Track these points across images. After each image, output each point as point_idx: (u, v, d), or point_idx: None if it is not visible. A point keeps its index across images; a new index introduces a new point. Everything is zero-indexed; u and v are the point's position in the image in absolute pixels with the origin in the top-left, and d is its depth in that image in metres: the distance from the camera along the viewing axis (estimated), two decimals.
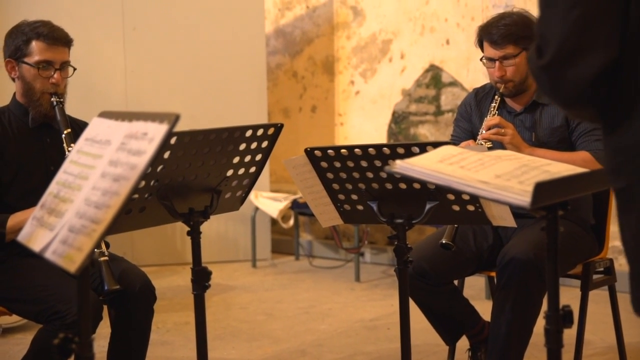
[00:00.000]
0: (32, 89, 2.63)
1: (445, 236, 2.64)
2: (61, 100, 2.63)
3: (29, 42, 2.61)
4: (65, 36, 2.66)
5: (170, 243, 5.24)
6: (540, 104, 2.84)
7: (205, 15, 5.17)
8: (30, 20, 2.67)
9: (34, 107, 2.65)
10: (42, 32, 2.61)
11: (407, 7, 5.13)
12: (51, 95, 2.62)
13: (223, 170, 2.15)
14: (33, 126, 2.68)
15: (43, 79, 2.61)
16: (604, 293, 2.89)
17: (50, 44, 2.61)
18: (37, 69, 2.60)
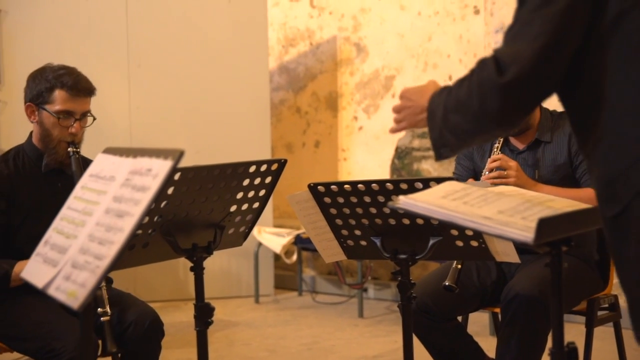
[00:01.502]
0: (49, 136, 2.61)
1: (448, 278, 2.63)
2: (77, 150, 2.61)
3: (52, 90, 2.58)
4: (89, 87, 2.64)
5: (174, 279, 5.23)
6: (542, 142, 2.85)
7: (209, 52, 5.22)
8: (55, 65, 2.64)
9: (50, 154, 2.64)
10: (66, 82, 2.58)
11: (409, 44, 5.18)
12: (68, 144, 2.61)
13: (226, 206, 2.15)
14: (46, 171, 2.66)
15: (62, 128, 2.59)
16: (609, 330, 2.87)
17: (73, 95, 2.59)
18: (57, 118, 2.58)
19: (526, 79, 1.47)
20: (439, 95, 1.63)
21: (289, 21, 5.73)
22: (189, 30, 5.19)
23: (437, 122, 1.62)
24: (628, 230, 1.41)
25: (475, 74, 1.53)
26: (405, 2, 5.17)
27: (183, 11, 5.19)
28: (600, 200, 1.49)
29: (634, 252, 1.40)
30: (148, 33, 5.13)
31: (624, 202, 1.41)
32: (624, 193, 1.42)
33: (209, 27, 5.22)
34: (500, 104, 1.48)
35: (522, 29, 1.49)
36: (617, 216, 1.43)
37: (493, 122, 1.53)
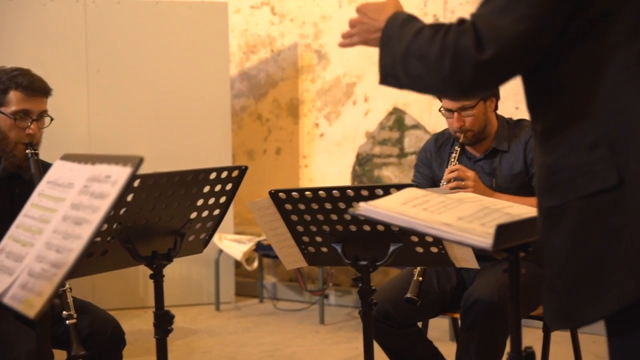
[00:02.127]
0: (6, 139, 2.56)
1: (410, 291, 2.64)
2: (36, 152, 2.57)
3: (7, 91, 2.54)
4: (45, 87, 2.60)
5: (133, 286, 5.17)
6: (499, 151, 2.89)
7: (170, 58, 5.18)
8: (7, 67, 2.60)
9: (7, 158, 2.58)
10: (21, 83, 2.54)
11: (370, 51, 5.18)
12: (26, 146, 2.56)
13: (187, 213, 2.14)
14: (3, 176, 2.60)
15: (19, 129, 2.54)
16: (566, 334, 2.91)
17: (28, 95, 2.55)
18: (13, 120, 2.53)
19: (503, 60, 1.45)
20: (400, 25, 1.59)
21: (250, 28, 5.72)
22: (149, 36, 5.15)
23: (392, 52, 1.60)
24: (560, 224, 1.46)
25: (451, 35, 1.48)
26: None
27: (143, 16, 5.15)
28: (540, 185, 1.51)
29: (562, 244, 1.45)
30: (107, 38, 5.08)
31: (564, 200, 1.45)
32: (567, 192, 1.45)
33: (169, 33, 5.19)
34: (471, 78, 1.47)
35: (507, 5, 1.45)
36: (554, 207, 1.47)
37: (457, 90, 1.52)
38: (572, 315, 1.46)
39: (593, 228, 1.43)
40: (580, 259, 1.44)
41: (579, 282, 1.44)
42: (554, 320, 1.51)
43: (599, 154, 1.43)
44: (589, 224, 1.43)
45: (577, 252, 1.44)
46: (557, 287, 1.47)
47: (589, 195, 1.43)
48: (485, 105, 2.86)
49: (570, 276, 1.45)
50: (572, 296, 1.45)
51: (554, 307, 1.49)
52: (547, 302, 1.51)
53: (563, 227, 1.45)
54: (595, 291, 1.42)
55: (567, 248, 1.45)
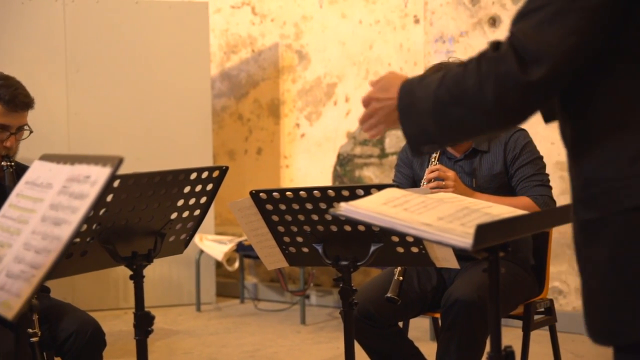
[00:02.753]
0: None
1: (391, 290, 2.65)
2: (12, 164, 2.54)
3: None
4: (27, 101, 2.57)
5: (113, 287, 5.14)
6: (479, 151, 2.90)
7: (150, 58, 5.16)
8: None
9: None
10: (3, 96, 2.51)
11: (351, 52, 5.22)
12: (2, 158, 2.54)
13: (167, 214, 2.13)
14: None
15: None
16: (545, 333, 2.93)
17: (10, 110, 2.52)
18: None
19: (554, 77, 1.34)
20: (416, 88, 1.50)
21: (230, 28, 5.71)
22: (129, 36, 5.12)
23: (418, 118, 1.48)
24: (599, 238, 1.39)
25: (486, 63, 1.37)
26: (346, 11, 5.21)
27: (123, 16, 5.12)
28: (576, 198, 1.43)
29: (603, 258, 1.38)
30: (87, 38, 5.05)
31: (602, 213, 1.38)
32: (606, 205, 1.38)
33: (149, 33, 5.17)
34: (520, 103, 1.36)
35: (554, 18, 1.32)
36: (591, 220, 1.40)
37: (506, 120, 1.41)
38: (616, 333, 1.41)
39: (635, 243, 1.35)
40: (623, 277, 1.37)
41: (624, 301, 1.37)
42: (598, 337, 1.45)
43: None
44: (631, 240, 1.35)
45: (620, 270, 1.37)
46: (601, 303, 1.41)
47: (630, 209, 1.35)
48: None
49: (615, 293, 1.38)
50: (617, 314, 1.39)
51: (600, 322, 1.43)
52: (591, 318, 1.45)
53: (603, 241, 1.38)
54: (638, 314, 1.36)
55: (609, 264, 1.38)
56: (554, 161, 4.31)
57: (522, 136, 2.89)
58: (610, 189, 1.37)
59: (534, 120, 1.56)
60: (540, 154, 2.91)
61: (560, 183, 4.35)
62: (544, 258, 2.94)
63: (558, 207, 1.52)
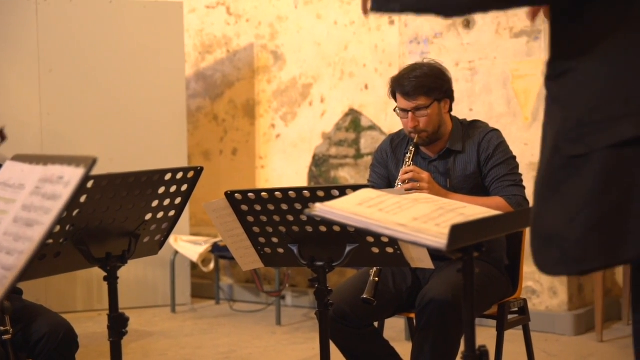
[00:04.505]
0: None
1: (366, 292, 2.65)
2: None
3: None
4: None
5: (86, 289, 5.10)
6: (454, 152, 2.92)
7: (124, 58, 5.13)
8: None
9: None
10: None
11: (326, 53, 5.22)
12: None
13: (142, 214, 2.12)
14: None
15: None
16: (519, 332, 2.96)
17: None
18: None
19: None
20: None
21: (205, 28, 5.69)
22: (103, 35, 5.08)
23: None
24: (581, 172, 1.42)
25: None
26: (321, 12, 5.21)
27: (97, 15, 5.08)
28: (562, 137, 1.46)
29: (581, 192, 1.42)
30: (60, 37, 5.00)
31: (590, 149, 1.41)
32: (595, 141, 1.41)
33: (123, 33, 5.13)
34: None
35: None
36: (577, 156, 1.43)
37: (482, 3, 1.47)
38: (582, 259, 1.43)
39: (619, 176, 1.40)
40: (600, 207, 1.41)
41: (595, 228, 1.41)
42: (554, 267, 1.47)
43: (633, 108, 1.39)
44: (615, 173, 1.40)
45: (597, 201, 1.41)
46: (564, 234, 1.43)
47: (618, 144, 1.39)
48: (440, 106, 2.89)
49: (585, 221, 1.41)
50: (584, 240, 1.42)
51: (557, 255, 1.45)
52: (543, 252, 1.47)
53: (584, 176, 1.42)
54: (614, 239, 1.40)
55: (586, 195, 1.41)
56: (527, 162, 4.35)
57: (495, 136, 2.91)
58: (599, 129, 1.41)
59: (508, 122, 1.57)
60: (514, 154, 2.94)
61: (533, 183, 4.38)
62: (518, 258, 2.97)
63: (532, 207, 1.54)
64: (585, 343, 4.13)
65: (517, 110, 4.43)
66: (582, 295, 4.50)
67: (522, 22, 4.44)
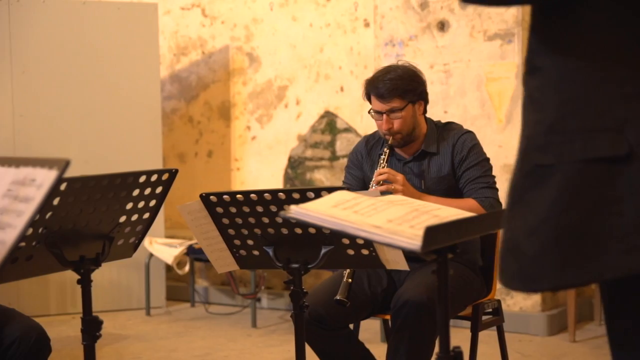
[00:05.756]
0: None
1: (340, 293, 2.65)
2: None
3: None
4: None
5: (60, 292, 5.05)
6: (428, 153, 2.94)
7: (98, 59, 5.09)
8: None
9: None
10: None
11: (302, 55, 5.23)
12: None
13: (116, 217, 2.11)
14: None
15: None
16: (493, 333, 2.98)
17: None
18: None
19: None
20: None
21: (180, 29, 5.67)
22: (76, 37, 5.04)
23: None
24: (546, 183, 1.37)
25: None
26: (297, 14, 5.21)
27: (70, 16, 5.04)
28: (532, 143, 1.42)
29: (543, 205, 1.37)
30: (33, 38, 4.95)
31: (557, 160, 1.36)
32: (563, 153, 1.36)
33: (97, 34, 5.09)
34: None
35: None
36: (544, 166, 1.38)
37: None
38: (536, 278, 1.38)
39: (584, 194, 1.34)
40: (560, 222, 1.35)
41: (553, 246, 1.35)
42: (512, 281, 1.42)
43: (609, 123, 1.33)
44: (581, 190, 1.34)
45: (558, 215, 1.35)
46: (523, 247, 1.38)
47: (588, 160, 1.34)
48: (414, 108, 2.91)
49: (544, 237, 1.36)
50: (541, 258, 1.36)
51: (514, 268, 1.40)
52: (506, 263, 1.42)
53: (549, 187, 1.36)
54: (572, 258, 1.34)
55: (548, 209, 1.36)
56: (501, 164, 4.38)
57: (469, 138, 2.93)
58: (572, 140, 1.37)
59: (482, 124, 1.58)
60: (487, 156, 2.96)
61: (507, 185, 4.41)
62: (492, 259, 2.99)
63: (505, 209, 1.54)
64: (558, 343, 4.17)
65: (491, 113, 4.47)
66: (555, 296, 4.55)
67: (496, 25, 4.48)
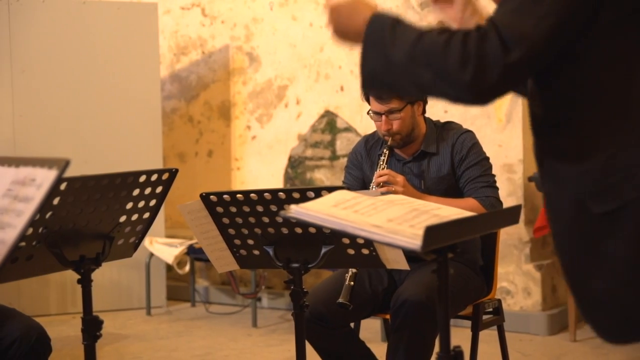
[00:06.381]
0: None
1: (342, 296, 2.65)
2: None
3: None
4: None
5: (60, 291, 5.05)
6: (428, 153, 2.93)
7: (98, 59, 5.09)
8: None
9: None
10: None
11: (302, 54, 5.22)
12: None
13: (116, 217, 2.11)
14: None
15: None
16: (493, 333, 2.98)
17: None
18: None
19: (530, 59, 1.39)
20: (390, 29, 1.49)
21: (180, 29, 5.67)
22: (76, 36, 5.04)
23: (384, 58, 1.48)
24: (619, 227, 1.37)
25: (471, 42, 1.40)
26: (297, 13, 5.21)
27: (70, 16, 5.04)
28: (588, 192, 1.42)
29: (625, 250, 1.36)
30: (33, 38, 4.95)
31: (623, 200, 1.36)
32: (627, 191, 1.37)
33: (97, 33, 5.09)
34: (497, 81, 1.40)
35: (528, 4, 1.40)
36: (611, 211, 1.38)
37: (475, 96, 1.44)
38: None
39: None
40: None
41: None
42: (618, 335, 1.42)
43: None
44: None
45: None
46: (623, 300, 1.37)
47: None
48: (413, 109, 2.90)
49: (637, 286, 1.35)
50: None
51: (618, 320, 1.40)
52: (605, 316, 1.41)
53: (624, 230, 1.36)
54: None
55: (633, 254, 1.35)
56: (501, 163, 4.38)
57: (468, 138, 2.92)
58: (627, 175, 1.37)
59: (482, 123, 1.58)
60: (487, 155, 2.96)
61: (507, 185, 4.42)
62: (492, 259, 2.99)
63: (506, 208, 1.54)
64: (559, 343, 4.17)
65: (491, 112, 4.46)
66: (556, 295, 4.55)
67: None
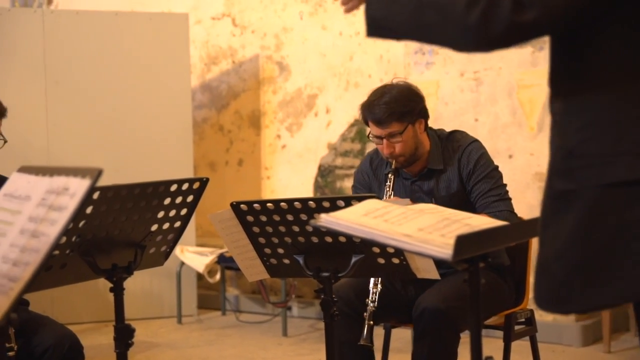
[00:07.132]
0: None
1: (363, 339, 2.58)
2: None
3: None
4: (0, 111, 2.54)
5: (94, 300, 5.10)
6: (435, 171, 2.83)
7: (130, 69, 5.14)
8: None
9: None
10: None
11: (331, 63, 5.23)
12: None
13: (147, 225, 2.12)
14: None
15: None
16: (526, 343, 2.94)
17: None
18: None
19: (543, 24, 1.38)
20: None
21: (211, 39, 5.71)
22: (109, 47, 5.10)
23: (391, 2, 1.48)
24: (570, 208, 1.42)
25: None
26: (327, 22, 5.22)
27: (103, 27, 5.10)
28: (555, 166, 1.46)
29: (568, 229, 1.42)
30: (66, 49, 5.02)
31: (579, 185, 1.41)
32: (584, 178, 1.41)
33: (129, 44, 5.15)
34: (500, 36, 1.38)
35: None
36: (568, 191, 1.43)
37: (478, 43, 1.42)
38: (565, 300, 1.45)
39: (605, 219, 1.39)
40: (585, 246, 1.41)
41: (579, 269, 1.41)
42: (544, 303, 1.48)
43: (627, 146, 1.38)
44: (602, 214, 1.39)
45: (582, 239, 1.41)
46: (553, 271, 1.44)
47: (607, 185, 1.39)
48: (414, 128, 2.80)
49: (570, 261, 1.42)
50: (569, 281, 1.43)
51: (546, 290, 1.47)
52: (539, 284, 1.48)
53: (573, 212, 1.41)
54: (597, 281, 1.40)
55: (572, 233, 1.42)
56: (533, 172, 4.34)
57: (475, 149, 2.81)
58: (590, 164, 1.41)
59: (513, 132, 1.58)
60: (495, 163, 2.84)
61: (538, 194, 4.38)
62: (524, 268, 2.95)
63: (537, 217, 1.53)
64: (593, 354, 4.11)
65: (522, 120, 4.43)
66: None
67: None
